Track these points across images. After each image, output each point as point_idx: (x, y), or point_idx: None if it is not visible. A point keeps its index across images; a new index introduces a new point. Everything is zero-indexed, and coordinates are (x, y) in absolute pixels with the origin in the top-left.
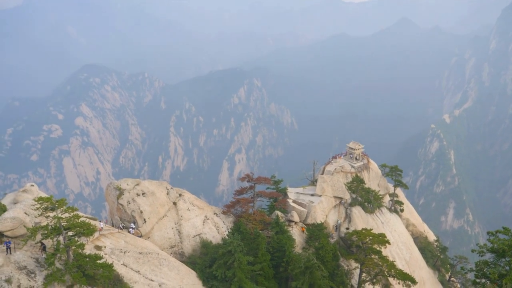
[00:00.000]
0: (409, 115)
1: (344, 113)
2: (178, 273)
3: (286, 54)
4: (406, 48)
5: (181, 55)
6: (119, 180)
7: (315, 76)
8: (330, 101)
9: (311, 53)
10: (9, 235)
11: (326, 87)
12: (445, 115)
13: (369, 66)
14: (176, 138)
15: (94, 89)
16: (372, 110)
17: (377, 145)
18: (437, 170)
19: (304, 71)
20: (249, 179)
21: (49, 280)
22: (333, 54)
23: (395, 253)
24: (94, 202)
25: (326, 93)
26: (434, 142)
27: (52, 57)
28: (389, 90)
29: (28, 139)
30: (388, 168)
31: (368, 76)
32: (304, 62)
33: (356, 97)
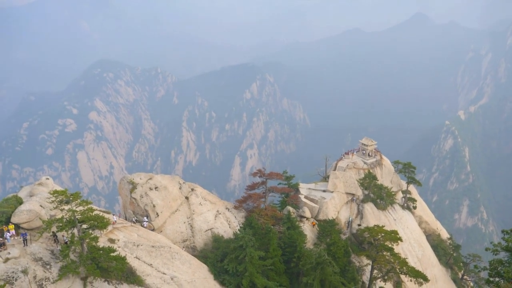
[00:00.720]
0: (423, 111)
1: (356, 109)
2: (190, 267)
3: (298, 49)
4: (421, 43)
5: (194, 50)
6: (132, 174)
7: (328, 71)
8: (342, 96)
9: (324, 48)
10: (25, 227)
11: (339, 82)
12: (460, 111)
13: (382, 62)
14: (188, 133)
15: (107, 84)
16: (385, 106)
17: (390, 142)
18: (451, 167)
19: (317, 66)
20: (261, 174)
21: (64, 271)
22: (346, 49)
23: (407, 250)
24: (108, 196)
25: (338, 88)
26: (449, 139)
27: (66, 52)
28: (403, 86)
29: (43, 133)
30: (401, 165)
31: (382, 71)
32: (317, 57)
33: (369, 93)
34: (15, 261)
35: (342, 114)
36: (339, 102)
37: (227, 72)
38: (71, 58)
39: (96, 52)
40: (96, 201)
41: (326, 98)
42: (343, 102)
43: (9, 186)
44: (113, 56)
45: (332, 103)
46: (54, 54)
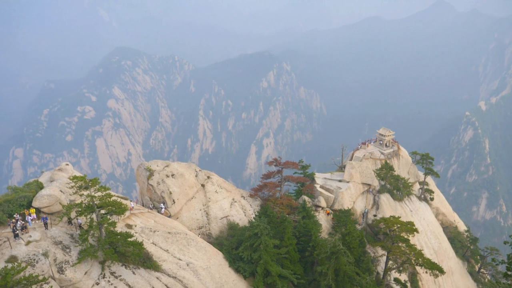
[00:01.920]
0: (443, 101)
1: (374, 98)
2: (205, 254)
3: (316, 38)
4: (442, 32)
5: (211, 39)
6: (149, 162)
7: (345, 60)
8: (360, 85)
9: (342, 36)
10: (46, 211)
11: (356, 71)
12: (481, 102)
13: (401, 50)
14: (205, 121)
15: (125, 71)
16: (404, 95)
17: (408, 132)
18: (471, 159)
19: (335, 54)
20: (277, 163)
21: (83, 255)
22: (365, 37)
23: (423, 242)
24: (125, 182)
25: (356, 77)
26: (468, 130)
27: (85, 40)
28: (422, 75)
29: (63, 120)
30: (419, 156)
31: (401, 60)
32: (335, 46)
33: (387, 82)
34: (37, 244)
35: (360, 103)
36: (357, 91)
37: (244, 61)
38: (90, 46)
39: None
40: (114, 187)
41: (344, 87)
42: (360, 91)
43: (30, 171)
44: (131, 44)
45: (349, 92)
46: (73, 42)
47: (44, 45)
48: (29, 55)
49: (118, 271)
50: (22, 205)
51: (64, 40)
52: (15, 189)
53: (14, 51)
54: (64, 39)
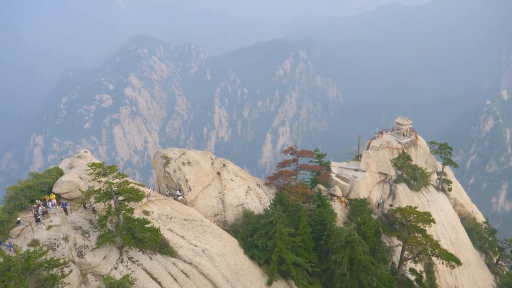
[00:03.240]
0: (463, 90)
1: (392, 87)
2: (220, 240)
3: (333, 25)
4: (462, 18)
5: (227, 27)
6: (166, 149)
7: (363, 47)
8: (377, 74)
9: (359, 23)
10: (66, 197)
11: (373, 59)
12: (503, 91)
13: (420, 37)
14: (220, 110)
15: (142, 60)
16: (422, 84)
17: (426, 121)
18: (491, 149)
19: (352, 42)
20: (293, 151)
21: (101, 240)
22: (382, 24)
23: (440, 232)
24: (142, 170)
25: (373, 66)
26: (489, 119)
27: (103, 29)
28: (441, 63)
29: (81, 108)
30: (437, 146)
31: (419, 48)
32: (351, 33)
33: (405, 70)
34: (57, 228)
35: (377, 92)
36: (374, 79)
37: (260, 49)
38: (107, 34)
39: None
40: (131, 174)
41: (361, 75)
42: (377, 79)
43: (50, 158)
44: (148, 33)
45: (366, 80)
46: (91, 31)
47: (62, 34)
48: (47, 45)
49: (136, 256)
50: (43, 191)
51: (81, 29)
52: (36, 175)
53: (33, 41)
54: (82, 28)
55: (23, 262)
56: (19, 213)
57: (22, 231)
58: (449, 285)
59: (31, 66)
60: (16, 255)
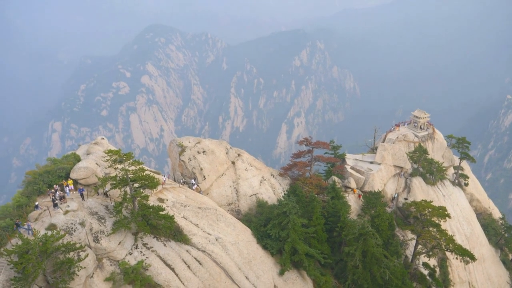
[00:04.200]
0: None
1: (410, 79)
2: (234, 229)
3: (352, 15)
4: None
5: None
6: (181, 138)
7: (381, 39)
8: (395, 66)
9: (379, 14)
10: (83, 183)
11: (392, 51)
12: None
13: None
14: (236, 99)
15: (159, 48)
16: (441, 77)
17: (444, 115)
18: (510, 145)
19: (370, 33)
20: (308, 143)
21: (117, 226)
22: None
23: (455, 227)
24: (158, 158)
25: (392, 57)
26: (509, 114)
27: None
28: (461, 55)
29: (99, 95)
30: (455, 140)
31: (439, 40)
32: (370, 24)
33: (424, 63)
34: (74, 213)
35: (394, 84)
36: (392, 71)
37: (277, 38)
38: (125, 22)
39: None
40: (146, 162)
41: (378, 67)
42: (395, 71)
43: (68, 144)
44: (165, 21)
45: (384, 72)
46: (109, 19)
47: (80, 21)
48: (66, 32)
49: (150, 242)
50: (61, 176)
51: (100, 17)
52: (54, 160)
53: (52, 28)
54: (100, 15)
55: (41, 246)
56: (37, 198)
57: (40, 215)
58: (463, 280)
59: (51, 53)
60: (34, 239)
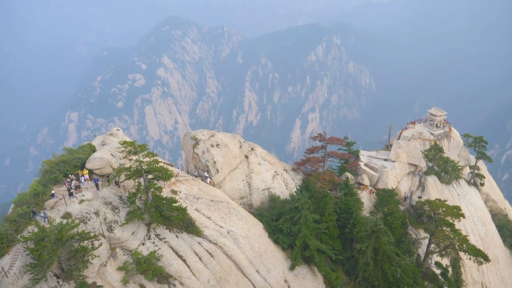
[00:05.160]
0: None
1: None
2: (246, 223)
3: (370, 10)
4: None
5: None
6: (195, 131)
7: (398, 35)
8: (413, 62)
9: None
10: (98, 173)
11: (410, 47)
12: None
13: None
14: (251, 93)
15: (175, 41)
16: (459, 75)
17: (462, 113)
18: None
19: (388, 28)
20: (321, 138)
21: (130, 216)
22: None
23: (469, 227)
24: (172, 150)
25: (409, 53)
26: None
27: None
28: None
29: (115, 87)
30: (472, 139)
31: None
32: (388, 19)
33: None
34: (89, 203)
35: (411, 81)
36: (409, 68)
37: (293, 33)
38: (142, 15)
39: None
40: (160, 154)
41: (395, 63)
42: (413, 68)
43: (83, 134)
44: (182, 13)
45: (401, 69)
46: (127, 11)
47: (98, 13)
48: (84, 23)
49: (163, 233)
50: (76, 166)
51: (118, 9)
52: (70, 150)
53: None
54: (118, 8)
55: (56, 233)
56: (53, 186)
57: (56, 204)
58: (476, 281)
59: (69, 44)
60: (50, 226)
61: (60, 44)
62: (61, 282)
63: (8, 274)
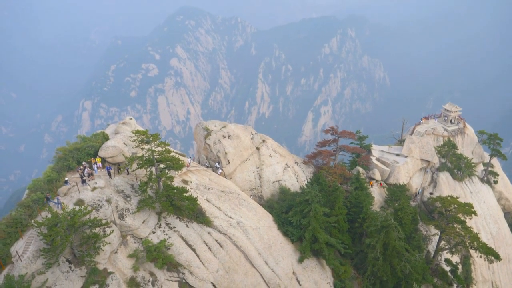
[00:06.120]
0: None
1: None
2: (255, 214)
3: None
4: None
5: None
6: (207, 121)
7: (415, 29)
8: (428, 57)
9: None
10: (110, 161)
11: (425, 41)
12: None
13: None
14: (263, 85)
15: (189, 31)
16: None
17: (477, 110)
18: None
19: (404, 22)
20: (334, 132)
21: (141, 205)
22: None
23: (480, 225)
24: (183, 140)
25: (424, 48)
26: None
27: None
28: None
29: (128, 76)
30: (487, 136)
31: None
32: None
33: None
34: (101, 190)
35: (426, 76)
36: (424, 63)
37: (307, 25)
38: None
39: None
40: (172, 143)
41: (410, 57)
42: (428, 63)
43: (97, 123)
44: (195, 4)
45: (416, 63)
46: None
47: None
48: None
49: (173, 223)
50: (90, 153)
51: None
52: (84, 138)
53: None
54: None
55: (69, 220)
56: (66, 173)
57: (69, 191)
58: (486, 279)
59: (83, 33)
60: (63, 213)
61: (75, 33)
62: (73, 267)
63: (22, 258)
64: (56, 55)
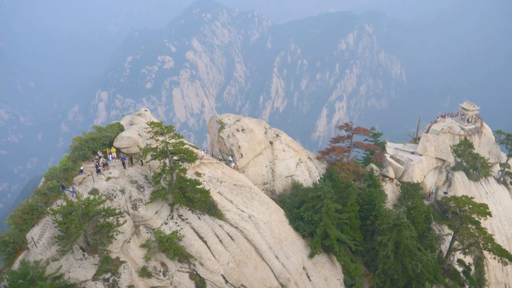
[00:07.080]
0: None
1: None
2: (267, 209)
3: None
4: None
5: None
6: (221, 115)
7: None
8: (446, 54)
9: None
10: (125, 152)
11: (444, 38)
12: None
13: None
14: (278, 79)
15: (205, 24)
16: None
17: (495, 109)
18: None
19: (422, 18)
20: (348, 128)
21: (155, 195)
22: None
23: (495, 226)
24: (197, 133)
25: (443, 45)
26: None
27: None
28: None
29: (144, 68)
30: (504, 135)
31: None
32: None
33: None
34: (115, 180)
35: (443, 73)
36: (442, 60)
37: (324, 20)
38: None
39: None
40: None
41: (428, 55)
42: (446, 61)
43: (112, 113)
44: None
45: (433, 61)
46: None
47: None
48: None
49: (185, 214)
50: (105, 144)
51: None
52: (99, 128)
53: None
54: None
55: (83, 208)
56: (82, 163)
57: (84, 180)
58: (499, 281)
59: (101, 24)
60: (78, 201)
61: (93, 24)
62: (86, 255)
63: (37, 244)
64: (74, 45)
